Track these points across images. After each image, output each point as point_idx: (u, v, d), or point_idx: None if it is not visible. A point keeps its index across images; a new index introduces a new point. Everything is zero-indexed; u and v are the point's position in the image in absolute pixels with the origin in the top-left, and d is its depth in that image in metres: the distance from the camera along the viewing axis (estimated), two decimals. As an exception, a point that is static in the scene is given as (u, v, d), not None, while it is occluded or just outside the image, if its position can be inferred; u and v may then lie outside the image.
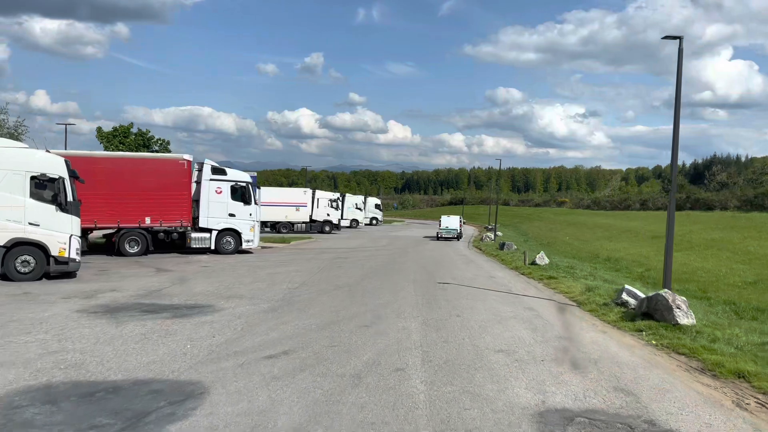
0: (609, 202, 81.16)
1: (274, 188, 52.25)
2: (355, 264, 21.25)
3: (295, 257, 23.37)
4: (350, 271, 18.95)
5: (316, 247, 29.47)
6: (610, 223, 49.61)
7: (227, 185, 23.36)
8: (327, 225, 48.71)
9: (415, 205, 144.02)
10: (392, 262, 22.98)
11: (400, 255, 26.75)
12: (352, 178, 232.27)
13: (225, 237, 23.36)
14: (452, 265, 22.88)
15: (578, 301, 13.94)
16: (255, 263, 20.51)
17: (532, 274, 19.24)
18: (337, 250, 27.93)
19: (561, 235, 44.56)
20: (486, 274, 19.63)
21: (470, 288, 15.84)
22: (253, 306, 12.03)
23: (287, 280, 16.12)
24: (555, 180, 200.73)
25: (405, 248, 31.94)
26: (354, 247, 31.59)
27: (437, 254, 28.42)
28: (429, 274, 18.85)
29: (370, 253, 26.89)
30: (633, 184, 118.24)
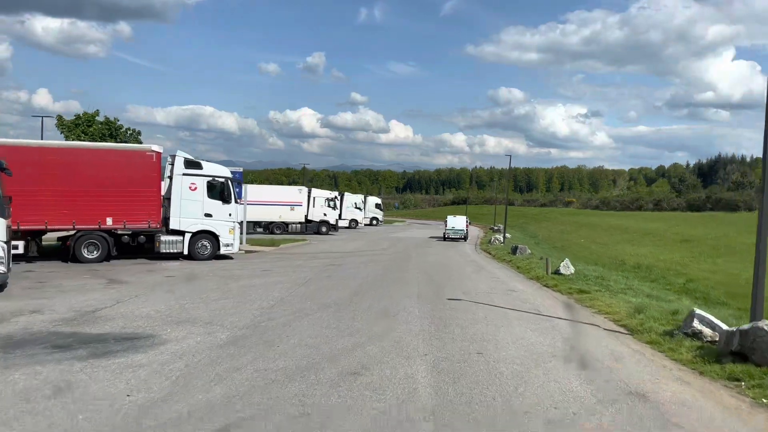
0: (619, 202, 78.21)
1: (267, 186, 49.31)
2: (348, 273, 18.27)
3: (280, 264, 20.39)
4: (342, 282, 15.97)
5: (307, 251, 26.48)
6: (626, 224, 46.63)
7: (203, 181, 20.37)
8: (324, 225, 45.74)
9: (417, 204, 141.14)
10: (392, 269, 20.00)
11: (402, 260, 23.78)
12: (353, 178, 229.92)
13: (200, 241, 20.37)
14: (461, 273, 19.89)
15: (629, 328, 10.92)
16: (231, 272, 17.53)
17: (559, 286, 16.24)
18: (330, 255, 24.95)
19: (574, 237, 41.63)
20: (503, 287, 16.63)
21: (487, 307, 12.84)
22: (207, 336, 9.06)
23: (263, 296, 13.14)
24: (557, 180, 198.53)
25: (407, 252, 28.96)
26: (350, 250, 28.60)
27: (443, 259, 25.44)
28: (435, 287, 15.87)
29: (368, 259, 23.91)
30: (642, 184, 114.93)
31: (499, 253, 29.31)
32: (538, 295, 15.24)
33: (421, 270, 20.22)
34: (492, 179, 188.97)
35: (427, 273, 19.25)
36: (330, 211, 46.16)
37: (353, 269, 19.49)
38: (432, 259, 25.24)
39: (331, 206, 46.42)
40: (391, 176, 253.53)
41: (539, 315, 12.16)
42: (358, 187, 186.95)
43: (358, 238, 42.70)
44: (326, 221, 45.84)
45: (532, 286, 17.01)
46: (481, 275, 19.53)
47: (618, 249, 30.86)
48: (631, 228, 42.14)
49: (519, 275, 20.05)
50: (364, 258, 24.24)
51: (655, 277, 20.45)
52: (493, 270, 21.66)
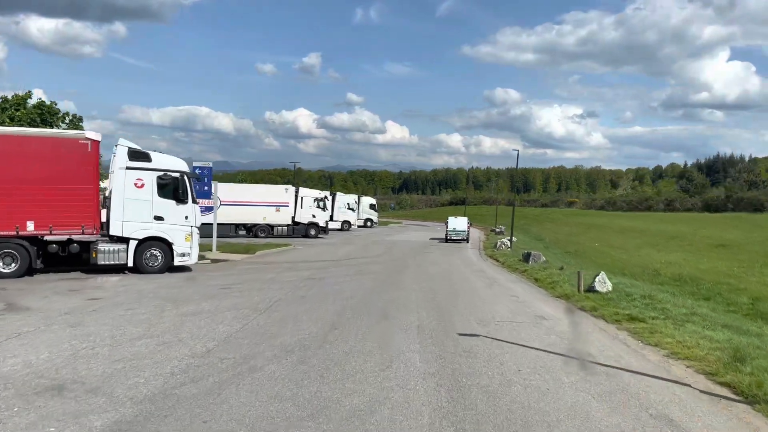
0: (626, 202, 74.63)
1: (250, 185, 45.53)
2: (330, 290, 14.51)
3: (247, 278, 16.61)
4: (318, 306, 12.21)
5: (287, 260, 22.71)
6: (641, 226, 43.01)
7: (152, 176, 16.57)
8: (312, 228, 41.96)
9: (413, 205, 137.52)
10: (386, 285, 16.25)
11: (397, 271, 20.04)
12: (348, 178, 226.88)
13: (149, 250, 16.57)
14: (471, 289, 16.14)
15: (742, 391, 7.19)
16: (179, 292, 13.75)
17: (600, 311, 12.50)
18: (313, 264, 21.19)
19: (585, 240, 38.04)
20: (528, 311, 12.88)
21: (517, 349, 9.11)
22: (69, 426, 5.35)
23: (202, 332, 9.39)
24: (554, 180, 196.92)
25: (403, 259, 25.22)
26: (339, 258, 24.85)
27: (446, 269, 21.71)
28: (440, 312, 12.12)
29: (357, 269, 20.17)
30: (648, 183, 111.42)
31: (508, 261, 25.60)
32: (578, 325, 11.50)
33: (420, 285, 16.47)
34: (489, 179, 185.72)
35: (428, 290, 15.50)
36: (319, 212, 42.37)
37: (337, 285, 15.74)
38: (433, 269, 21.50)
39: (321, 207, 42.64)
40: (387, 176, 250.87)
41: (594, 363, 8.43)
42: (354, 187, 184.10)
43: (350, 242, 38.94)
44: (315, 223, 42.06)
45: (564, 309, 13.26)
46: (495, 292, 15.78)
47: (643, 255, 27.22)
48: (648, 230, 38.50)
49: (541, 292, 16.32)
50: (352, 268, 20.49)
51: (706, 293, 16.80)
52: (508, 284, 17.92)
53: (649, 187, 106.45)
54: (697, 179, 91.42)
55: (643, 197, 73.96)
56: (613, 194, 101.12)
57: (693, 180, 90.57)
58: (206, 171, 23.81)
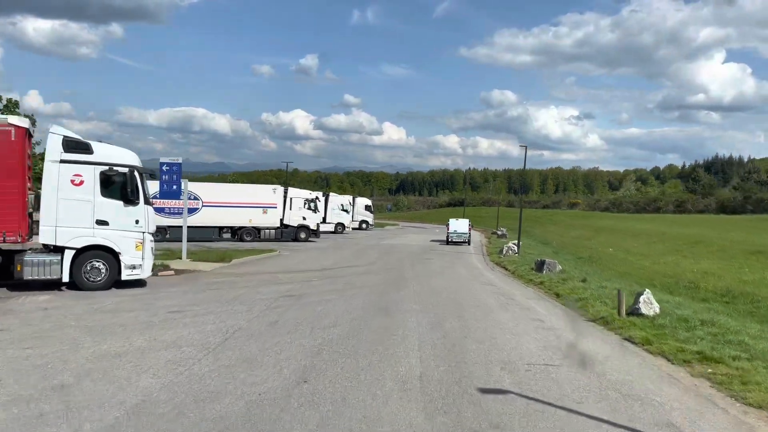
0: (633, 203, 71.74)
1: (235, 185, 42.51)
2: (308, 316, 11.53)
3: (208, 297, 13.61)
4: (288, 342, 9.23)
5: (266, 270, 19.72)
6: (657, 229, 40.13)
7: (93, 171, 13.57)
8: (302, 231, 39.00)
9: (410, 206, 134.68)
10: (379, 305, 13.27)
11: (394, 285, 17.07)
12: (345, 179, 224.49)
13: (90, 262, 13.56)
14: (484, 311, 13.15)
15: None
16: (112, 318, 10.76)
17: (657, 345, 9.54)
18: (296, 276, 18.21)
19: (597, 245, 35.19)
20: (563, 346, 9.89)
21: (567, 418, 6.16)
22: None
23: (110, 393, 6.42)
24: (552, 182, 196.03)
25: (401, 268, 22.27)
26: (327, 266, 21.88)
27: (450, 282, 18.74)
28: (449, 349, 9.16)
29: (347, 282, 17.20)
30: (652, 184, 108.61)
31: (519, 270, 22.67)
32: (638, 370, 8.52)
33: (422, 304, 13.51)
34: (486, 181, 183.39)
35: (431, 311, 12.53)
36: (310, 214, 39.41)
37: (320, 305, 12.76)
38: (436, 282, 18.54)
39: (312, 208, 39.67)
40: (384, 178, 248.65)
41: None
42: (351, 188, 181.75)
43: (343, 246, 35.98)
44: (305, 226, 39.10)
45: (610, 342, 10.28)
46: (514, 315, 12.81)
47: (669, 263, 24.36)
48: (667, 234, 35.63)
49: (570, 313, 13.36)
50: (341, 281, 17.53)
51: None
52: (527, 302, 14.93)
53: (653, 188, 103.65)
54: (704, 179, 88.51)
55: (651, 198, 71.04)
56: (617, 195, 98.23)
57: (700, 180, 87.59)
58: (175, 168, 20.84)
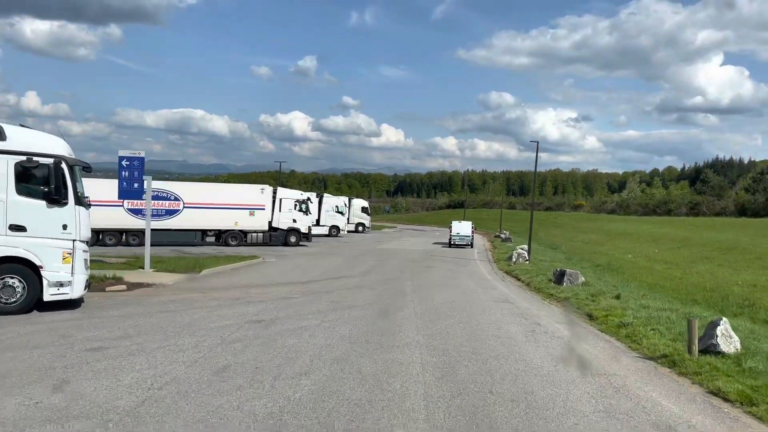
0: (641, 205, 68.84)
1: (219, 185, 39.48)
2: (269, 360, 8.54)
3: (148, 325, 10.60)
4: (234, 408, 6.27)
5: (239, 283, 16.73)
6: (677, 233, 37.21)
7: (6, 162, 10.61)
8: (293, 234, 36.04)
9: (409, 208, 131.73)
10: (370, 339, 10.28)
11: (391, 304, 14.11)
12: (342, 181, 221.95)
13: (2, 278, 10.59)
14: (507, 344, 10.15)
15: None
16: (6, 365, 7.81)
17: (765, 407, 6.61)
18: (272, 291, 15.24)
19: (613, 250, 32.33)
20: (632, 410, 6.95)
21: None
22: None
23: None
24: (551, 183, 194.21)
25: (399, 280, 19.33)
26: (313, 278, 18.92)
27: (458, 297, 15.77)
28: (470, 416, 6.22)
29: (332, 301, 14.22)
30: (657, 185, 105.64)
31: (535, 281, 19.74)
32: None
33: (426, 335, 10.56)
34: (485, 182, 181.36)
35: (439, 349, 9.56)
36: (301, 216, 36.44)
37: (293, 335, 9.82)
38: (441, 297, 15.60)
39: (303, 210, 36.71)
40: (382, 179, 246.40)
41: None
42: (348, 190, 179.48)
43: (336, 251, 33.05)
44: (296, 229, 36.13)
45: (694, 400, 7.33)
46: (548, 350, 9.83)
47: (703, 272, 21.48)
48: (691, 239, 32.73)
49: (614, 345, 10.40)
50: (326, 298, 14.56)
51: None
52: (559, 329, 11.88)
53: (658, 189, 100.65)
54: (713, 181, 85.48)
55: (661, 200, 68.10)
56: (622, 197, 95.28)
57: (709, 182, 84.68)
58: (136, 163, 17.90)
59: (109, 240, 32.00)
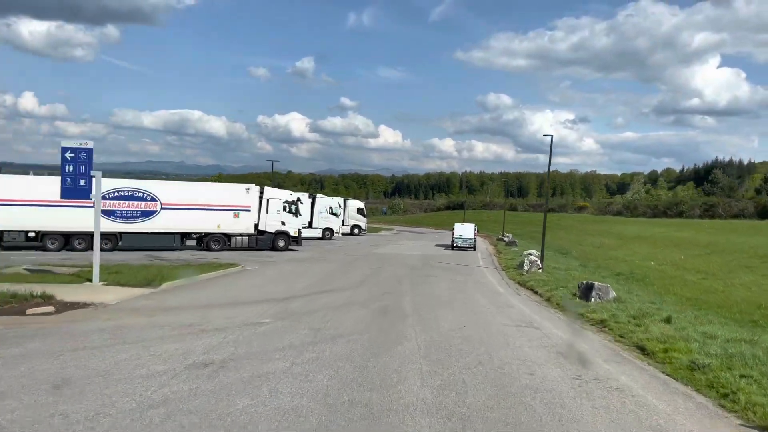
0: (650, 207, 65.96)
1: (201, 184, 36.44)
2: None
3: (40, 377, 7.66)
4: None
5: (198, 304, 13.73)
6: (703, 238, 34.33)
7: None
8: (281, 238, 33.07)
9: (407, 209, 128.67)
10: (355, 400, 7.36)
11: (386, 332, 11.16)
12: (340, 182, 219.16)
13: None
14: (548, 403, 7.23)
15: None
16: None
17: None
18: (236, 315, 12.26)
19: (631, 256, 29.50)
20: None
21: None
22: None
23: None
24: (550, 185, 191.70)
25: (397, 294, 16.38)
26: (293, 293, 15.94)
27: (469, 320, 12.80)
28: None
29: (312, 328, 11.24)
30: (662, 186, 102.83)
31: (555, 296, 16.83)
32: None
33: (434, 389, 7.65)
34: (483, 184, 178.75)
35: (455, 416, 6.63)
36: (290, 218, 33.46)
37: (242, 397, 6.89)
38: (447, 319, 12.67)
39: (292, 211, 33.74)
40: (380, 180, 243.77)
41: None
42: (346, 191, 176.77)
43: (326, 257, 30.10)
44: (284, 232, 33.15)
45: None
46: (611, 416, 6.92)
47: (750, 285, 18.68)
48: (718, 244, 29.89)
49: (705, 404, 7.47)
50: (305, 322, 11.60)
51: None
52: (608, 370, 8.99)
53: (663, 190, 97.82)
54: (723, 181, 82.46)
55: (673, 201, 65.17)
56: (627, 198, 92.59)
57: (718, 182, 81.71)
58: (83, 155, 14.92)
59: (79, 244, 29.04)
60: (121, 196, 30.22)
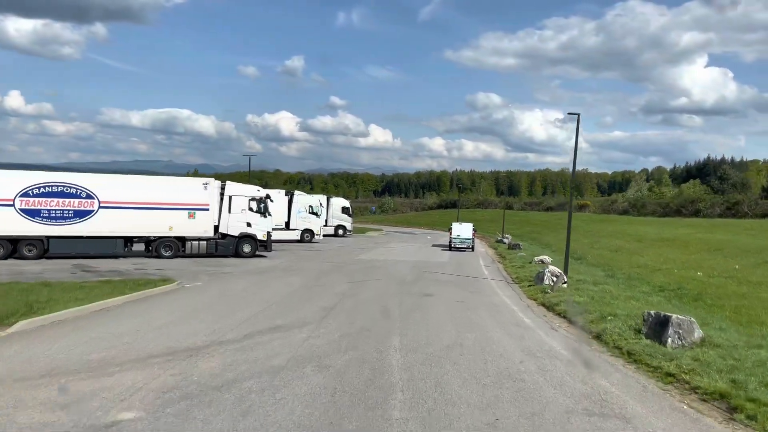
0: (660, 205, 61.20)
1: (148, 178, 30.90)
2: None
3: None
4: None
5: (46, 369, 8.37)
6: (743, 242, 29.33)
7: None
8: (246, 243, 27.72)
9: (396, 209, 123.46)
10: None
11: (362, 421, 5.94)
12: (329, 180, 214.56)
13: None
14: None
15: None
16: None
17: None
18: (71, 407, 6.98)
19: (659, 263, 24.49)
20: None
21: None
22: None
23: None
24: (540, 184, 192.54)
25: (379, 333, 11.06)
26: (215, 340, 10.53)
27: (499, 389, 7.61)
28: None
29: (215, 427, 5.99)
30: (667, 184, 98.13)
31: (608, 331, 11.58)
32: None
33: None
34: (473, 182, 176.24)
35: None
36: (257, 218, 28.09)
37: None
38: (464, 394, 7.43)
39: (260, 211, 28.37)
40: (369, 179, 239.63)
41: None
42: (335, 190, 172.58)
43: (298, 266, 24.76)
44: (250, 235, 27.78)
45: None
46: None
47: None
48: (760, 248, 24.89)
49: None
50: (197, 423, 6.33)
51: None
52: None
53: (668, 187, 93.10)
54: (734, 177, 77.52)
55: (687, 198, 60.44)
56: (625, 196, 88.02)
57: (728, 179, 76.79)
58: None
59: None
60: (48, 192, 24.73)
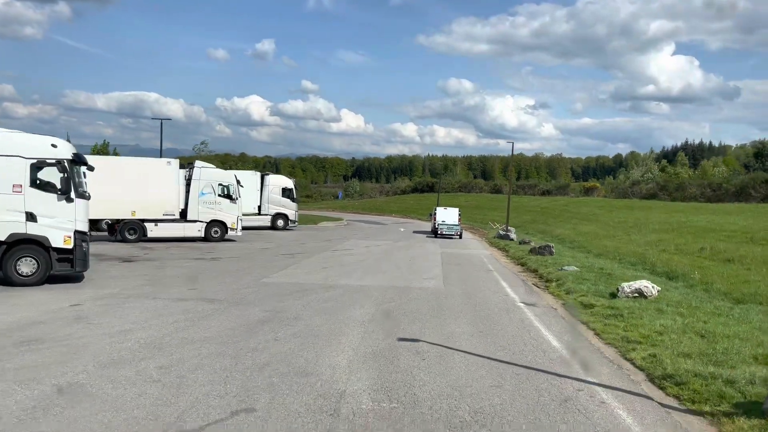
0: (709, 186, 49.58)
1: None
2: None
3: None
4: None
5: None
6: None
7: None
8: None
9: (365, 193, 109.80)
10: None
11: None
12: (297, 164, 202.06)
13: None
14: None
15: None
16: None
17: None
18: None
19: (724, 269, 11.94)
20: None
21: None
22: None
23: None
24: (514, 168, 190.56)
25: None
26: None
27: None
28: None
29: None
30: (683, 163, 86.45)
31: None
32: None
33: None
34: (446, 167, 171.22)
35: None
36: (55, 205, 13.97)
37: None
38: None
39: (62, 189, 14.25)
40: (339, 164, 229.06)
41: None
42: (303, 174, 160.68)
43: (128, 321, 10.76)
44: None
45: None
46: None
47: None
48: None
49: None
50: None
51: None
52: None
53: (685, 167, 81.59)
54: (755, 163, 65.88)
55: (718, 181, 48.93)
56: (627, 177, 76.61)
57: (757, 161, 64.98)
58: None
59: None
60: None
